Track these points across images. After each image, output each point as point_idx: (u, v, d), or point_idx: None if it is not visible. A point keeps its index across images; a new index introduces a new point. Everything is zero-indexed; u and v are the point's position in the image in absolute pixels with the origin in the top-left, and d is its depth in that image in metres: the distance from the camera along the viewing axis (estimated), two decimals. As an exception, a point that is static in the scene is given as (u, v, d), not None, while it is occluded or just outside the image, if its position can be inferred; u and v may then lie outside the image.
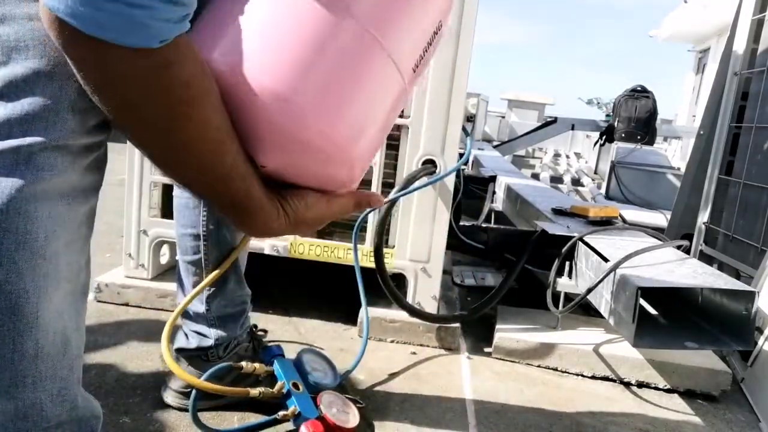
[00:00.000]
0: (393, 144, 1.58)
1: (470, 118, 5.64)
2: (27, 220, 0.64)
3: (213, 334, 1.13)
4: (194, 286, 1.13)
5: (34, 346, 0.67)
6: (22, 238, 0.65)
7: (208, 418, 1.12)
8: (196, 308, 1.13)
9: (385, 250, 1.54)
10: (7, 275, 0.64)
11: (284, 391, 1.01)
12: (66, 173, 0.66)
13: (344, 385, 1.26)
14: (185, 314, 1.15)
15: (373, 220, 1.60)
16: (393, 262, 1.59)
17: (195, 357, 1.13)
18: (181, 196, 1.12)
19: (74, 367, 0.74)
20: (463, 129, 1.63)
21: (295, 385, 1.03)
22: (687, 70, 11.70)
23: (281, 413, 0.97)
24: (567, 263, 1.57)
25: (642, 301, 1.20)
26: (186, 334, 1.15)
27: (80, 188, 0.70)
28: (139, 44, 0.50)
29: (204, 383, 0.96)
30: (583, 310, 1.75)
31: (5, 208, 0.63)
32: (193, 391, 0.97)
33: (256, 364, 1.04)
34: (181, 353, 1.15)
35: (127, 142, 0.78)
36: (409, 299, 1.58)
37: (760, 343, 1.49)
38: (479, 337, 1.66)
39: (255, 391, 1.05)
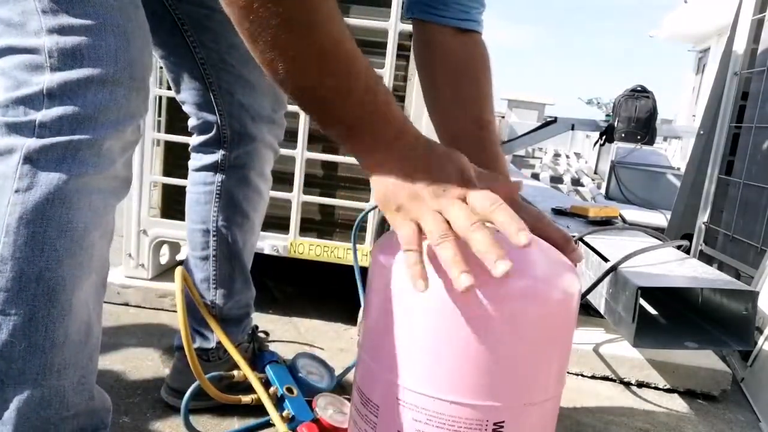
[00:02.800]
0: (393, 144, 1.58)
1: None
2: (69, 209, 0.68)
3: (214, 338, 1.12)
4: (202, 281, 1.12)
5: (64, 334, 0.70)
6: (65, 227, 0.68)
7: (207, 418, 1.12)
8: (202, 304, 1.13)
9: (385, 250, 1.54)
10: (48, 263, 0.67)
11: (278, 395, 1.02)
12: (107, 169, 0.71)
13: (343, 386, 1.26)
14: (190, 311, 1.15)
15: (372, 220, 1.60)
16: (393, 262, 1.59)
17: (196, 355, 1.13)
18: (192, 191, 1.12)
19: (93, 357, 0.77)
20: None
21: (289, 390, 1.03)
22: (687, 70, 11.71)
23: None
24: (567, 263, 1.57)
25: (642, 301, 1.20)
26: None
27: (117, 184, 0.75)
28: None
29: (208, 384, 0.96)
30: (583, 310, 1.75)
31: (51, 197, 0.67)
32: (185, 396, 0.98)
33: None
34: (181, 351, 1.15)
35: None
36: (409, 299, 1.58)
37: (760, 343, 1.49)
38: (479, 337, 1.66)
39: (247, 398, 1.06)
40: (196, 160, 1.12)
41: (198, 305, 1.09)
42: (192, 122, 1.10)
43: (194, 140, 1.12)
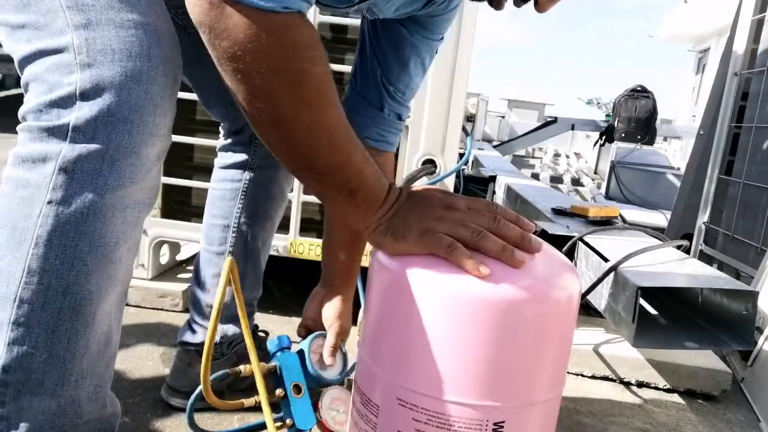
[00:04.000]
0: (393, 144, 1.58)
1: (470, 118, 5.64)
2: (103, 224, 0.66)
3: (219, 331, 1.12)
4: (214, 276, 1.12)
5: (85, 345, 0.69)
6: (97, 241, 0.66)
7: (207, 417, 1.12)
8: (209, 301, 1.12)
9: (385, 250, 1.54)
10: (77, 277, 0.66)
11: (283, 395, 1.00)
12: (143, 179, 0.69)
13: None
14: (196, 307, 1.14)
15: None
16: (393, 262, 1.59)
17: (196, 352, 1.13)
18: (217, 187, 1.13)
19: (110, 366, 0.76)
20: (463, 129, 1.63)
21: (297, 388, 1.01)
22: (687, 70, 11.71)
23: (278, 423, 0.95)
24: (567, 263, 1.57)
25: (642, 301, 1.20)
26: (192, 328, 1.14)
27: (149, 194, 0.73)
28: (268, 7, 0.59)
29: (209, 393, 0.95)
30: (584, 310, 1.75)
31: (86, 212, 0.65)
32: (191, 398, 0.97)
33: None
34: (184, 347, 1.14)
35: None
36: (409, 299, 1.58)
37: (760, 343, 1.49)
38: (479, 337, 1.66)
39: (250, 401, 1.05)
40: (224, 158, 1.13)
41: (238, 300, 1.09)
42: (224, 128, 1.12)
43: (223, 140, 1.13)
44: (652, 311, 1.34)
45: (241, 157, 1.10)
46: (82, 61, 0.63)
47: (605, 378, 1.50)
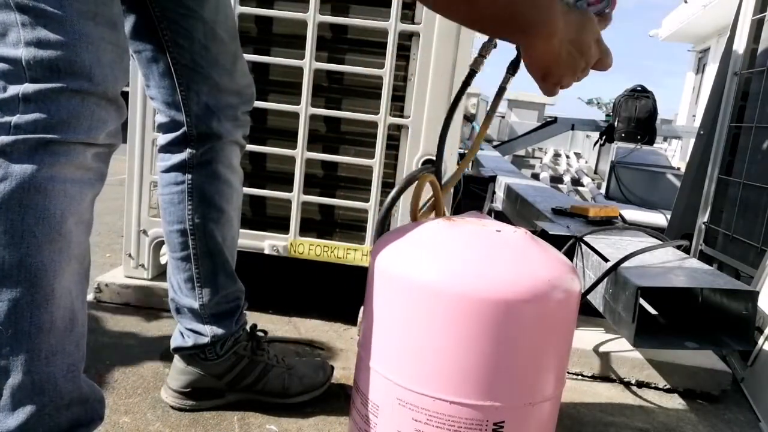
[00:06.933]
0: (393, 144, 1.58)
1: (470, 118, 5.64)
2: (45, 197, 0.71)
3: (208, 332, 1.12)
4: (186, 282, 1.12)
5: (49, 320, 0.72)
6: (42, 213, 0.70)
7: (207, 418, 1.12)
8: (189, 305, 1.13)
9: (385, 250, 1.53)
10: (28, 249, 0.70)
11: None
12: (79, 159, 0.73)
13: (343, 387, 1.25)
14: (179, 312, 1.15)
15: (372, 219, 1.60)
16: (393, 262, 1.59)
17: (193, 356, 1.13)
18: (165, 192, 1.12)
19: (80, 345, 0.79)
20: (466, 118, 1.63)
21: None
22: (687, 70, 11.72)
23: None
24: (567, 263, 1.57)
25: (642, 301, 1.20)
26: (182, 333, 1.14)
27: (90, 175, 0.76)
28: None
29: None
30: (583, 310, 1.75)
31: (27, 186, 0.69)
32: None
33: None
34: (179, 352, 1.14)
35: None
36: (409, 299, 1.58)
37: (760, 343, 1.49)
38: (479, 337, 1.66)
39: None
40: (164, 161, 1.12)
41: None
42: (159, 119, 1.11)
43: (161, 139, 1.12)
44: (652, 311, 1.34)
45: (179, 157, 1.10)
46: (31, 76, 0.69)
47: (605, 378, 1.50)
